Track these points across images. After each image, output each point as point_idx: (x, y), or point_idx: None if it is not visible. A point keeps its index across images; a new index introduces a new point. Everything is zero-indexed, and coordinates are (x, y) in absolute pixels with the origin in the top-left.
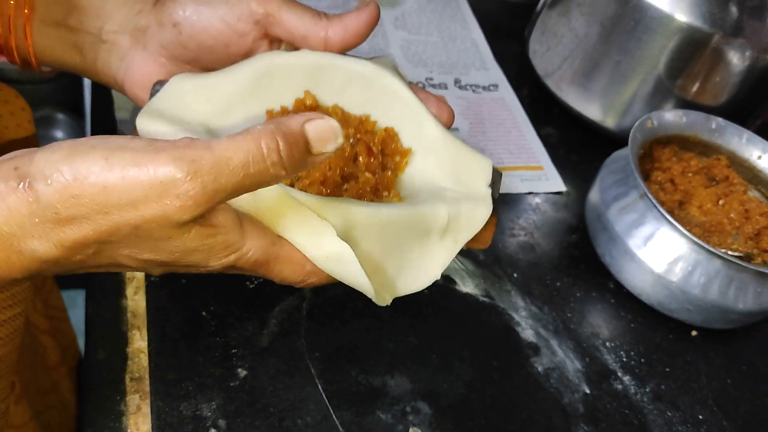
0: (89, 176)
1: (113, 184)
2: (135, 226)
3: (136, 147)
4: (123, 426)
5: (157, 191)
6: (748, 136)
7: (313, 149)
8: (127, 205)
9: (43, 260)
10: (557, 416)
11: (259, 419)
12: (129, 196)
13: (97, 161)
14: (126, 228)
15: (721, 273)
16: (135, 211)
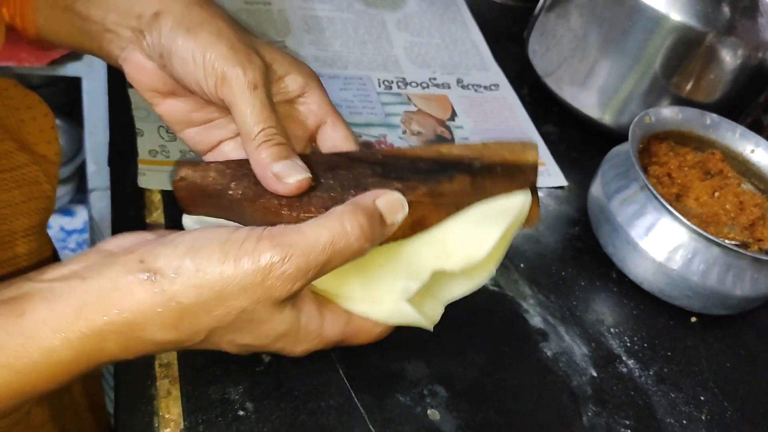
0: (209, 267)
1: (229, 274)
2: (242, 309)
3: (240, 238)
4: (155, 408)
5: (262, 275)
6: (741, 131)
7: (387, 220)
8: (239, 291)
9: (158, 344)
10: (566, 398)
11: (284, 402)
12: (241, 282)
13: (214, 253)
14: (235, 311)
15: (720, 260)
16: (244, 295)
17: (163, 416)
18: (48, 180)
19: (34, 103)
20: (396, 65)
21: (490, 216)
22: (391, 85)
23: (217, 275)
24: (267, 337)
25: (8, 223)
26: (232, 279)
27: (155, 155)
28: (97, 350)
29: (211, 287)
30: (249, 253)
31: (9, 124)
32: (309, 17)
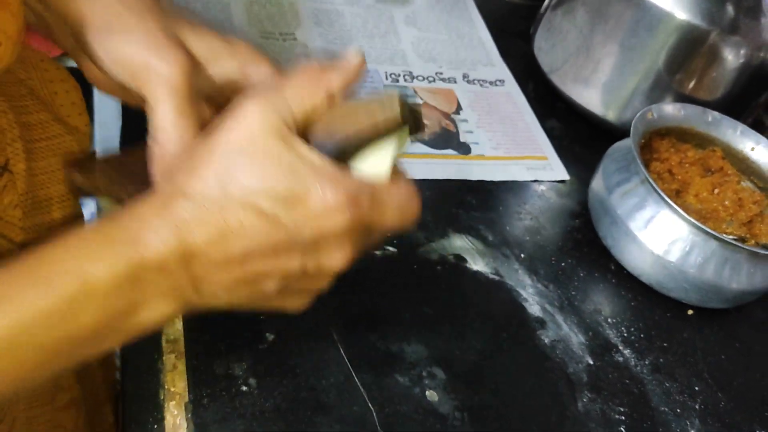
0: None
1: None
2: (237, 145)
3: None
4: (161, 382)
5: (242, 112)
6: (742, 129)
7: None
8: (227, 133)
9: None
10: (563, 384)
11: (286, 378)
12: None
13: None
14: (231, 150)
15: (717, 254)
16: (233, 133)
17: (168, 389)
18: (81, 149)
19: (65, 76)
20: (403, 59)
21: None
22: (398, 79)
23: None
24: (282, 170)
25: (45, 189)
26: (219, 134)
27: None
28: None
29: (203, 149)
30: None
31: (44, 96)
32: (319, 10)
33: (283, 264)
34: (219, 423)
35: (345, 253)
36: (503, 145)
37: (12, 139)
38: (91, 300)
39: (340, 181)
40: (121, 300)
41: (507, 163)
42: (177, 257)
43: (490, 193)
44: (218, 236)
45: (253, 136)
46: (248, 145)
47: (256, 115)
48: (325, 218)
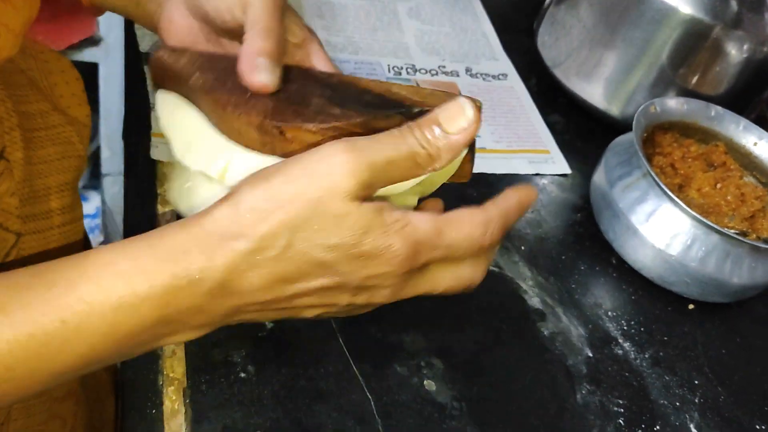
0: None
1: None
2: (314, 200)
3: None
4: (160, 367)
5: (326, 166)
6: (745, 124)
7: (448, 129)
8: (306, 183)
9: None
10: (561, 375)
11: (284, 367)
12: (308, 178)
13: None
14: (306, 202)
15: (718, 247)
16: (311, 186)
17: (167, 375)
18: (80, 140)
19: (66, 67)
20: (406, 52)
21: None
22: (401, 71)
23: (282, 181)
24: (352, 232)
25: (43, 178)
26: (297, 177)
27: None
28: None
29: (278, 190)
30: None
31: (44, 87)
32: (322, 3)
33: (330, 301)
34: (217, 409)
35: (394, 294)
36: (505, 138)
37: (10, 127)
38: (111, 338)
39: (404, 231)
40: (144, 336)
41: (509, 157)
42: (217, 299)
43: (491, 186)
44: (270, 282)
45: (334, 192)
46: (326, 201)
47: (344, 178)
48: (382, 267)
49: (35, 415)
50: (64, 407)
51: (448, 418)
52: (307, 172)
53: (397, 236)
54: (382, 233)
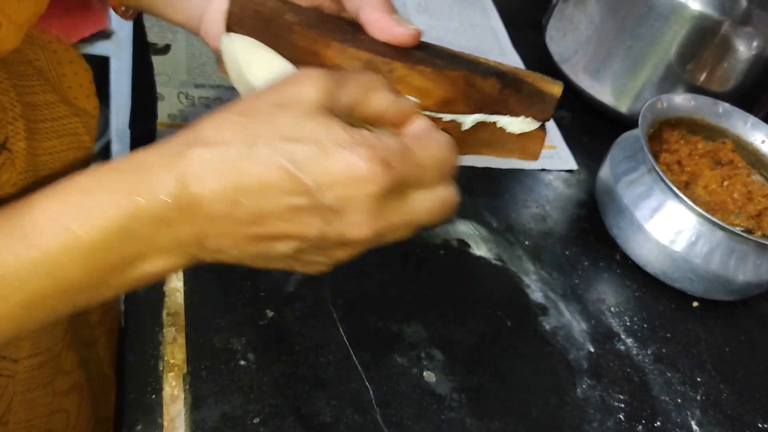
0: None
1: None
2: (276, 103)
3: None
4: (161, 353)
5: (295, 82)
6: (753, 121)
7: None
8: (268, 91)
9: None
10: (563, 369)
11: (285, 355)
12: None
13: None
14: (269, 106)
15: (723, 244)
16: (278, 95)
17: (168, 361)
18: (87, 132)
19: (75, 58)
20: None
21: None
22: None
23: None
24: (316, 138)
25: (48, 170)
26: (265, 92)
27: (174, 119)
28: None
29: (243, 103)
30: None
31: (51, 77)
32: None
33: (301, 228)
34: (216, 395)
35: (370, 223)
36: None
37: (13, 117)
38: (76, 254)
39: (373, 145)
40: (112, 254)
41: None
42: (179, 210)
43: (496, 180)
44: (232, 190)
45: (299, 99)
46: (290, 105)
47: (311, 86)
48: (351, 185)
49: (38, 407)
50: (68, 401)
51: (447, 409)
52: (275, 87)
53: (365, 149)
54: (348, 145)
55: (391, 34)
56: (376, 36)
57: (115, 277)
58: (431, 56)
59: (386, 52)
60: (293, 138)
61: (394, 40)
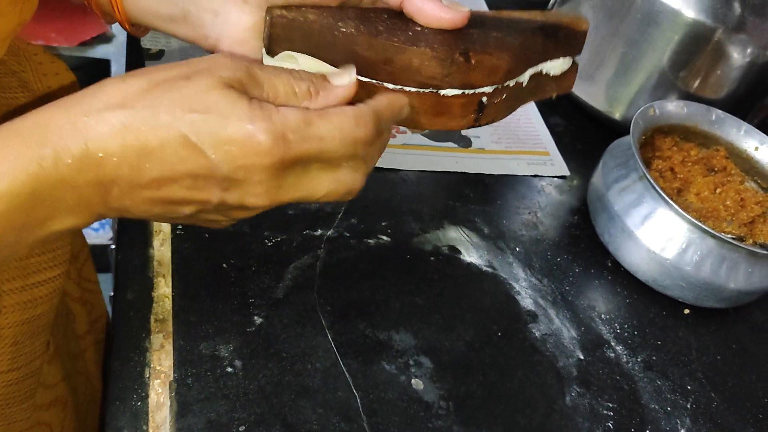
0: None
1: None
2: (182, 75)
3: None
4: (147, 360)
5: (206, 59)
6: (746, 128)
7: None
8: (181, 67)
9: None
10: (551, 377)
11: (272, 362)
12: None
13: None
14: (175, 77)
15: (714, 252)
16: (185, 68)
17: (154, 368)
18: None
19: (61, 70)
20: None
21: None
22: None
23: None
24: (217, 109)
25: None
26: (175, 65)
27: None
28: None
29: (151, 72)
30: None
31: (37, 90)
32: None
33: (201, 195)
34: (202, 402)
35: (268, 193)
36: (504, 139)
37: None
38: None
39: (272, 118)
40: (21, 216)
41: (507, 158)
42: (83, 172)
43: (488, 186)
44: (133, 155)
45: (209, 73)
46: (199, 78)
47: (222, 65)
48: (248, 156)
49: (16, 422)
50: (50, 414)
51: (434, 417)
52: (188, 61)
53: (263, 122)
54: (248, 118)
55: (440, 20)
56: (427, 24)
57: (26, 237)
58: (487, 31)
59: (443, 41)
60: (196, 108)
61: (447, 26)
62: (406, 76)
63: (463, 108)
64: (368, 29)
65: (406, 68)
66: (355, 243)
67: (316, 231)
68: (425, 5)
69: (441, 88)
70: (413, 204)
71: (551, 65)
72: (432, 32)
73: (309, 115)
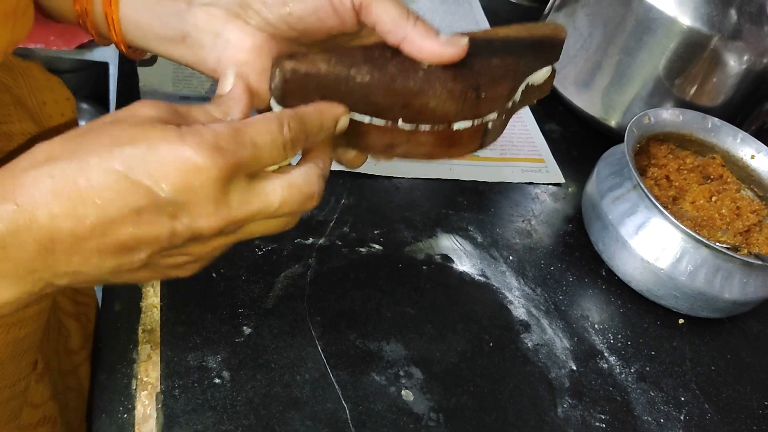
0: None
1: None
2: (107, 122)
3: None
4: (134, 371)
5: (128, 107)
6: (743, 136)
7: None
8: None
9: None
10: (543, 388)
11: (260, 373)
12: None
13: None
14: (100, 123)
15: (708, 262)
16: (110, 115)
17: (141, 379)
18: None
19: (56, 86)
20: None
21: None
22: None
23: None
24: (146, 137)
25: None
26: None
27: None
28: None
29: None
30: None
31: (30, 106)
32: None
33: (149, 230)
34: (189, 414)
35: (219, 212)
36: (499, 146)
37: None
38: None
39: (201, 133)
40: None
41: (501, 165)
42: (15, 234)
43: (482, 194)
44: (68, 204)
45: (133, 115)
46: (123, 121)
47: (145, 107)
48: (187, 174)
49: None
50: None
51: (424, 429)
52: (114, 112)
53: (194, 138)
54: (177, 138)
55: (441, 56)
56: (430, 62)
57: None
58: (486, 58)
59: (454, 77)
60: (124, 142)
61: (449, 61)
62: (421, 116)
63: (471, 137)
64: (382, 75)
65: (423, 109)
66: (347, 252)
67: (308, 240)
68: (425, 44)
69: (453, 123)
70: (406, 212)
71: (536, 76)
72: (439, 69)
73: (236, 125)
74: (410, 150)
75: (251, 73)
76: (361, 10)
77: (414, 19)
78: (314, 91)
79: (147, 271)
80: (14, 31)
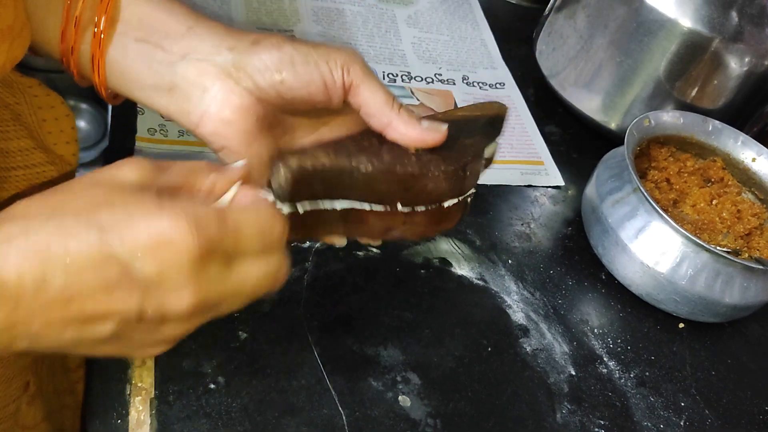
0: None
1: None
2: (88, 182)
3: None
4: (128, 377)
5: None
6: (744, 139)
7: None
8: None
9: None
10: (542, 394)
11: (256, 378)
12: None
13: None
14: (79, 183)
15: (708, 266)
16: (89, 176)
17: (135, 384)
18: (62, 180)
19: (56, 103)
20: (402, 59)
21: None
22: (396, 79)
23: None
24: (125, 206)
25: None
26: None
27: (153, 134)
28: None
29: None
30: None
31: (30, 123)
32: (319, 8)
33: (117, 304)
34: (183, 420)
35: (191, 291)
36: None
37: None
38: None
39: (183, 209)
40: None
41: (500, 168)
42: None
43: (481, 197)
44: (36, 266)
45: (114, 178)
46: (104, 183)
47: (128, 168)
48: (163, 249)
49: None
50: None
51: None
52: (95, 171)
53: (172, 212)
54: (157, 211)
55: (425, 141)
56: (414, 147)
57: None
58: (461, 138)
59: (444, 159)
60: (101, 207)
61: (432, 145)
62: (419, 198)
63: (456, 211)
64: (380, 163)
65: (422, 192)
66: (344, 255)
67: (305, 242)
68: (410, 132)
69: (444, 201)
70: None
71: (489, 150)
72: (426, 152)
73: (224, 208)
74: (406, 231)
75: (233, 133)
76: (350, 90)
77: (398, 107)
78: (318, 186)
79: (113, 346)
80: (11, 51)
